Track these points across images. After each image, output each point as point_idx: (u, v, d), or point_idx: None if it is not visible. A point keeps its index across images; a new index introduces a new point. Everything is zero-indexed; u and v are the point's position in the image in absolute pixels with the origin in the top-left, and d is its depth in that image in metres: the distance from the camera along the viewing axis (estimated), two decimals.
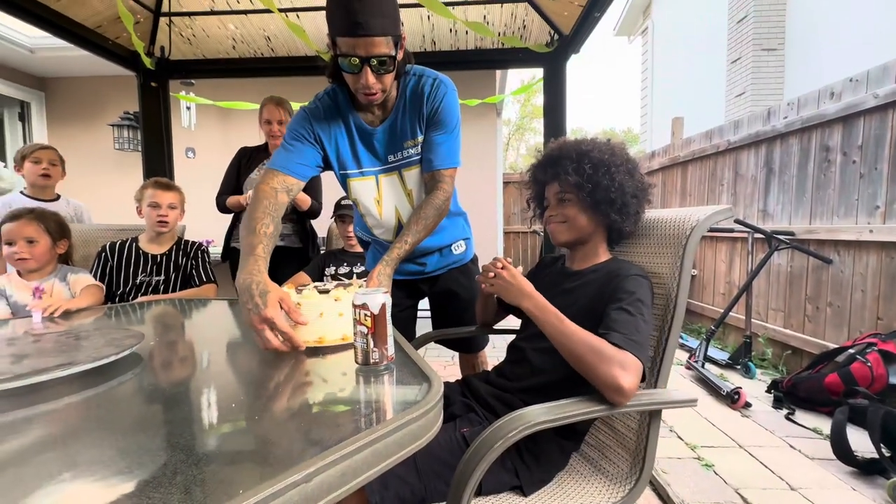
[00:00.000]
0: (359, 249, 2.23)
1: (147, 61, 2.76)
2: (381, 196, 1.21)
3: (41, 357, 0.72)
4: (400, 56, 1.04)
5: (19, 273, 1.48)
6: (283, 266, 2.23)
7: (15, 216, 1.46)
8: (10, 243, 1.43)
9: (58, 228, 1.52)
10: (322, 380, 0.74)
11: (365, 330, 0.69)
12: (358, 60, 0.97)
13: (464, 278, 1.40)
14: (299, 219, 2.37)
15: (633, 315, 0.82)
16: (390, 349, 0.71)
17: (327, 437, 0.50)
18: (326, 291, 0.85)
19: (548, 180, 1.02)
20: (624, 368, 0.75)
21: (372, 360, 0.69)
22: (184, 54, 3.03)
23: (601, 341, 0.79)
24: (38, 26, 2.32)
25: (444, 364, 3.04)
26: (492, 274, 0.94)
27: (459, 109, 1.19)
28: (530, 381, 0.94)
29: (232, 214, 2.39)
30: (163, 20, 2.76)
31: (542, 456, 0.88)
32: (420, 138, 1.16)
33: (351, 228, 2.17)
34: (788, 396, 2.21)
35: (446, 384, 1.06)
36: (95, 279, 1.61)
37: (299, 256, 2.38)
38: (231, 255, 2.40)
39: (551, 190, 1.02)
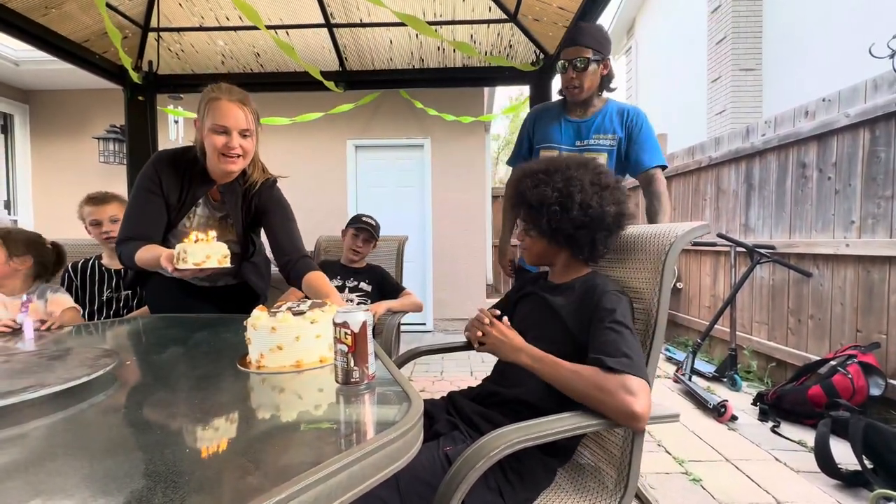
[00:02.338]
0: (357, 265, 2.22)
1: (134, 76, 2.76)
2: None
3: (9, 378, 0.70)
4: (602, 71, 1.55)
5: None
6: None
7: None
8: None
9: (18, 245, 1.47)
10: (301, 400, 0.73)
11: (345, 349, 0.68)
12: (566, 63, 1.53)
13: None
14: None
15: (619, 332, 0.82)
16: (371, 367, 0.70)
17: (304, 461, 0.49)
18: (302, 313, 0.83)
19: (515, 207, 1.06)
20: (631, 393, 0.75)
21: (352, 379, 0.69)
22: (172, 69, 3.03)
23: (599, 374, 0.78)
24: (24, 41, 2.31)
25: (432, 379, 3.01)
26: (480, 333, 0.93)
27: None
28: (515, 392, 0.94)
29: None
30: (151, 35, 2.77)
31: (527, 474, 0.87)
32: (612, 136, 1.58)
33: (361, 243, 2.16)
34: (773, 409, 2.23)
35: (431, 402, 1.05)
36: None
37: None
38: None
39: (519, 213, 1.06)
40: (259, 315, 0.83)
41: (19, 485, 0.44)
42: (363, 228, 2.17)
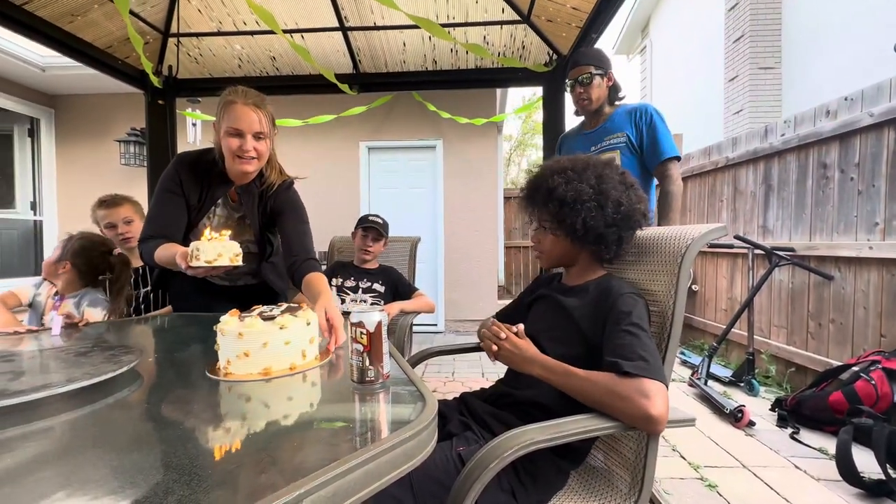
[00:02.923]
0: (369, 266, 2.24)
1: (155, 80, 2.83)
2: None
3: (40, 374, 0.73)
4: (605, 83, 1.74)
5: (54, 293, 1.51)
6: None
7: None
8: None
9: (67, 251, 1.52)
10: (318, 398, 0.74)
11: (361, 348, 0.69)
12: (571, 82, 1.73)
13: None
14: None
15: (636, 335, 0.81)
16: (386, 367, 0.71)
17: (321, 457, 0.50)
18: (272, 318, 0.80)
19: (529, 206, 1.04)
20: (647, 396, 0.74)
21: (367, 378, 0.70)
22: (191, 73, 3.10)
23: (614, 379, 0.77)
24: (52, 47, 2.38)
25: (444, 380, 3.02)
26: (495, 347, 0.92)
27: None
28: (528, 394, 0.94)
29: None
30: (171, 40, 2.84)
31: (540, 476, 0.87)
32: (621, 134, 1.70)
33: (371, 242, 2.19)
34: (793, 415, 2.18)
35: (444, 402, 1.05)
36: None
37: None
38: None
39: (536, 213, 1.04)
40: (228, 320, 0.80)
41: (52, 475, 0.46)
42: (371, 228, 2.19)
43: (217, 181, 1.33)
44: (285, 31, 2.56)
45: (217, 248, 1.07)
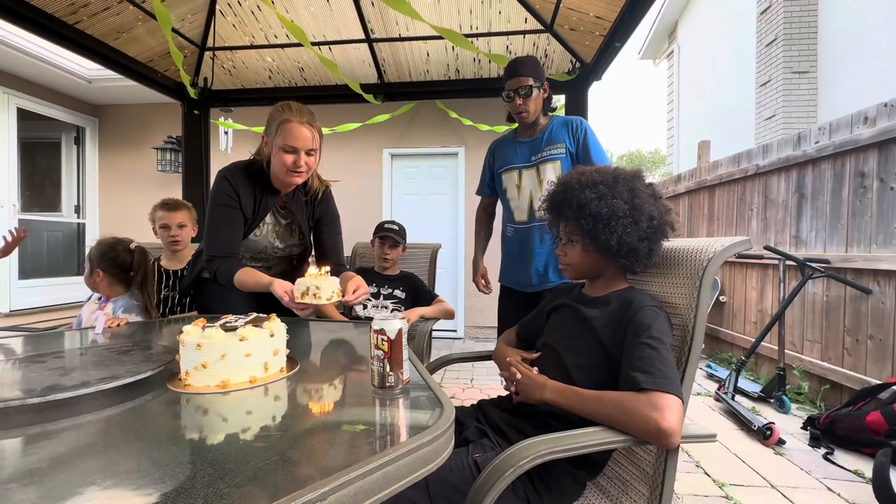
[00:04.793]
0: (390, 272, 2.28)
1: (192, 91, 2.98)
2: (521, 182, 1.79)
3: (87, 370, 0.78)
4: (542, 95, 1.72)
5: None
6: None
7: None
8: None
9: (93, 262, 1.58)
10: (343, 400, 0.77)
11: (381, 354, 0.72)
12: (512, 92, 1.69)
13: None
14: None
15: (655, 348, 0.81)
16: (406, 373, 0.74)
17: (344, 458, 0.53)
18: (234, 329, 0.79)
19: (555, 220, 1.04)
20: (658, 410, 0.74)
21: (387, 384, 0.72)
22: (224, 84, 3.24)
23: (625, 396, 0.79)
24: (99, 62, 2.55)
25: (462, 387, 3.02)
26: (514, 388, 0.96)
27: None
28: (537, 406, 0.95)
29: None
30: (207, 54, 2.98)
31: (555, 486, 0.87)
32: (561, 144, 1.72)
33: (388, 249, 2.23)
34: (826, 434, 2.09)
35: (461, 409, 1.07)
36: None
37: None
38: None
39: (561, 227, 1.03)
40: (189, 329, 0.78)
41: (101, 465, 0.51)
42: (387, 237, 2.23)
43: (268, 191, 1.41)
44: (314, 44, 2.65)
45: (332, 286, 1.09)
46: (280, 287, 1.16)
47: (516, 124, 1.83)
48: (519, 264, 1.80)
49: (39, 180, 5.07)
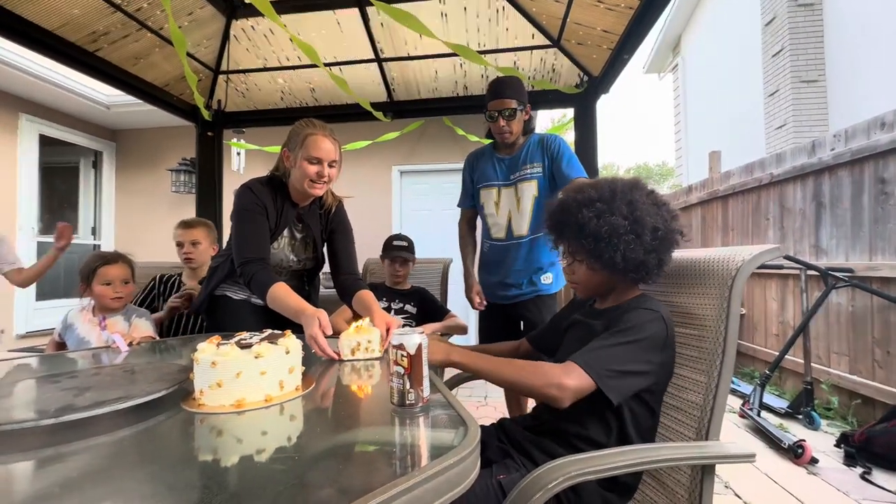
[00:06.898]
0: (401, 287, 2.26)
1: (206, 114, 3.04)
2: (499, 200, 1.83)
3: (101, 390, 0.77)
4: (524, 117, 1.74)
5: (93, 311, 1.60)
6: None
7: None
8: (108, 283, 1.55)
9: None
10: (361, 420, 0.74)
11: (401, 370, 0.69)
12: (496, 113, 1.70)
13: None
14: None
15: (611, 345, 0.83)
16: (426, 390, 0.71)
17: (365, 481, 0.50)
18: (249, 346, 0.77)
19: (557, 240, 1.01)
20: (567, 373, 0.79)
21: (408, 402, 0.69)
22: (237, 106, 3.31)
23: (544, 362, 0.84)
24: (117, 87, 2.62)
25: (476, 404, 2.96)
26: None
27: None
28: (569, 421, 0.90)
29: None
30: (221, 77, 3.06)
31: None
32: (538, 164, 1.74)
33: (399, 267, 2.21)
34: (862, 452, 1.99)
35: (481, 428, 1.03)
36: (139, 304, 1.74)
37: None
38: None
39: (564, 246, 1.00)
40: (204, 347, 0.76)
41: (114, 490, 0.48)
42: (396, 257, 2.21)
43: (288, 205, 1.44)
44: (326, 65, 2.70)
45: (378, 335, 1.06)
46: (312, 324, 1.05)
47: (494, 140, 1.84)
48: (494, 278, 1.88)
49: (58, 203, 5.20)
